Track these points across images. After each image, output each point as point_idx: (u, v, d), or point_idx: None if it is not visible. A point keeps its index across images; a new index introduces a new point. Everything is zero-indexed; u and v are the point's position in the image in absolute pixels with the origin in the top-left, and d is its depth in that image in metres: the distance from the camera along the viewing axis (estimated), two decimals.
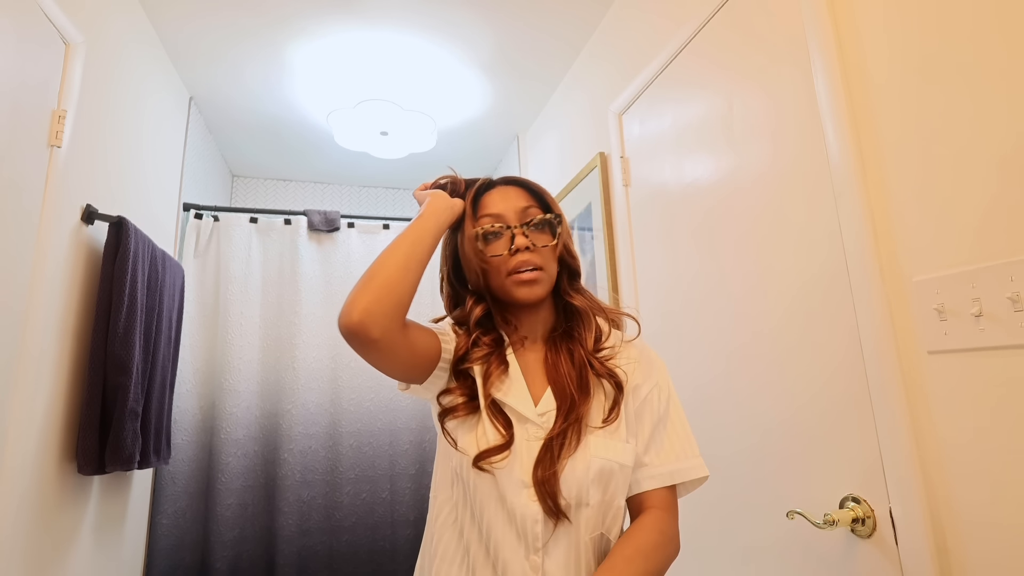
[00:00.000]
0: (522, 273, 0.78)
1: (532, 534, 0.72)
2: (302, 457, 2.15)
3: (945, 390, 0.80)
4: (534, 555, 0.72)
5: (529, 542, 0.72)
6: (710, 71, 1.34)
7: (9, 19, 1.13)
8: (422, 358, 0.77)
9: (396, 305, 0.70)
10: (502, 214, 0.81)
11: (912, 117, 0.85)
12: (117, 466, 1.38)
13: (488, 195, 0.84)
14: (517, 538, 0.72)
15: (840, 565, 0.94)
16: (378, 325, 0.68)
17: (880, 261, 0.89)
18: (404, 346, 0.73)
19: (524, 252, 0.78)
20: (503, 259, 0.79)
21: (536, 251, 0.80)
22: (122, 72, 1.62)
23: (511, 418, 0.76)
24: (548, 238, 0.82)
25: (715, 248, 1.30)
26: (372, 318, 0.68)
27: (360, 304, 0.68)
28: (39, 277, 1.21)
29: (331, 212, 2.41)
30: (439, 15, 1.84)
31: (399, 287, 0.71)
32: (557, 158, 2.27)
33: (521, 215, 0.81)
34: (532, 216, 0.81)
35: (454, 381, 0.80)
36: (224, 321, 2.19)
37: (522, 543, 0.72)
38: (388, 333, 0.69)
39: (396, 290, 0.70)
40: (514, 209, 0.81)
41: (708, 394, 1.30)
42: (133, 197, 1.71)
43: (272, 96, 2.28)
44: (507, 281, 0.79)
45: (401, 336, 0.72)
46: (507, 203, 0.82)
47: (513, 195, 0.83)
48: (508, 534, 0.73)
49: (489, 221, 0.81)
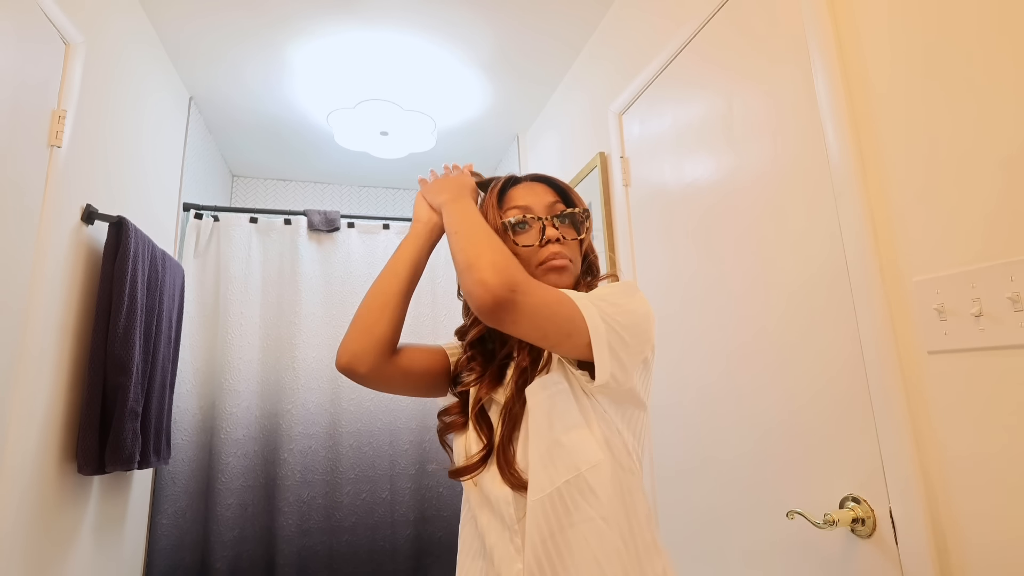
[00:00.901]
0: (554, 260, 0.79)
1: (508, 516, 0.73)
2: (302, 457, 2.15)
3: (945, 390, 0.80)
4: (516, 537, 0.72)
5: (508, 524, 0.73)
6: (710, 71, 1.34)
7: (9, 19, 1.13)
8: (425, 378, 0.85)
9: (377, 344, 0.79)
10: (530, 206, 0.82)
11: (912, 117, 0.85)
12: (117, 466, 1.38)
13: (515, 189, 0.85)
14: (501, 523, 0.74)
15: (840, 565, 0.94)
16: (363, 364, 0.78)
17: (880, 261, 0.89)
18: (397, 374, 0.82)
19: (555, 244, 0.80)
20: (532, 250, 0.80)
21: (565, 244, 0.81)
22: (122, 72, 1.62)
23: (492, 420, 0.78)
24: (575, 232, 0.83)
25: (715, 248, 1.30)
26: (356, 359, 0.78)
27: (345, 347, 0.79)
28: (39, 277, 1.21)
29: (331, 212, 2.41)
30: (439, 15, 1.84)
31: (377, 327, 0.79)
32: (557, 158, 2.27)
33: (549, 209, 0.82)
34: (560, 210, 0.83)
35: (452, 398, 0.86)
36: (224, 321, 2.19)
37: (505, 527, 0.73)
38: (375, 369, 0.79)
39: (375, 330, 0.79)
40: (543, 203, 0.82)
41: (708, 394, 1.30)
42: (133, 197, 1.71)
43: (272, 96, 2.28)
44: (537, 271, 0.79)
45: (390, 367, 0.80)
46: (535, 197, 0.83)
47: (540, 190, 0.84)
48: (493, 520, 0.75)
49: (518, 212, 0.81)
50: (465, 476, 0.78)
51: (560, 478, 0.70)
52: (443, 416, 0.86)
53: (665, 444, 1.45)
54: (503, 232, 0.80)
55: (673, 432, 1.42)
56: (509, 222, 0.80)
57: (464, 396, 0.85)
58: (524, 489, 0.72)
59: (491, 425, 0.78)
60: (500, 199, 0.84)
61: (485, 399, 0.80)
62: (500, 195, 0.85)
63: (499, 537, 0.74)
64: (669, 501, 1.43)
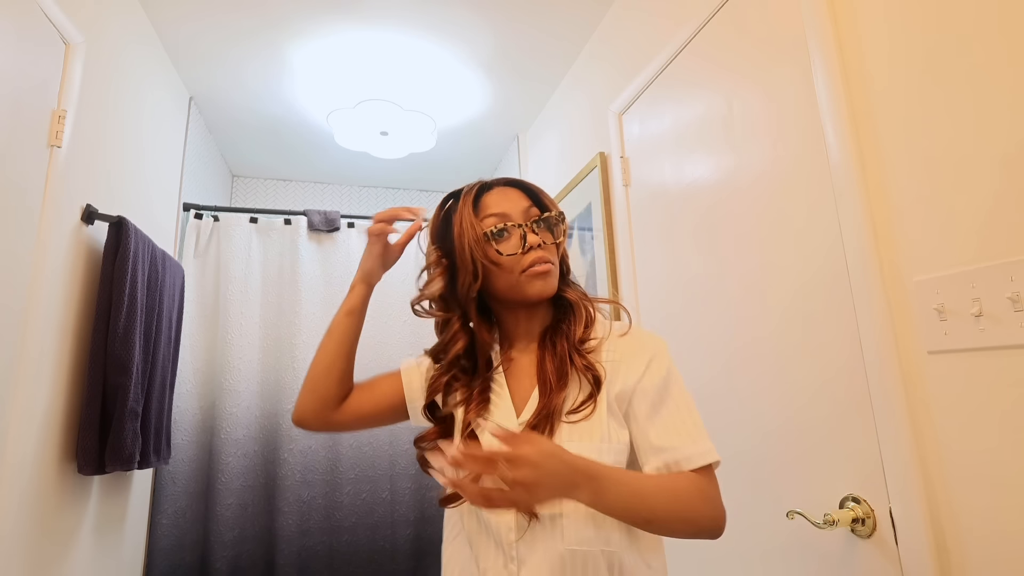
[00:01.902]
0: (538, 266, 0.78)
1: (507, 543, 0.72)
2: (302, 457, 2.15)
3: (945, 390, 0.80)
4: (511, 564, 0.71)
5: (505, 551, 0.72)
6: (710, 71, 1.34)
7: (9, 19, 1.13)
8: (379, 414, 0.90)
9: (321, 402, 0.86)
10: (508, 213, 0.80)
11: (912, 116, 0.85)
12: (117, 466, 1.38)
13: (488, 195, 0.83)
14: (496, 548, 0.73)
15: (840, 565, 0.94)
16: (312, 422, 0.87)
17: (880, 261, 0.89)
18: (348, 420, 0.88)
19: (537, 249, 0.79)
20: (515, 258, 0.79)
21: (546, 248, 0.80)
22: (122, 72, 1.62)
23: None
24: (551, 236, 0.82)
25: (715, 248, 1.30)
26: (304, 416, 0.87)
27: (297, 406, 0.88)
28: (39, 277, 1.21)
29: (331, 212, 2.41)
30: (439, 15, 1.84)
31: (322, 387, 0.86)
32: (557, 158, 2.27)
33: (526, 214, 0.81)
34: (535, 215, 0.82)
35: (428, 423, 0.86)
36: (224, 321, 2.18)
37: (500, 553, 0.72)
38: (324, 423, 0.87)
39: (319, 390, 0.86)
40: (519, 209, 0.81)
41: (709, 394, 1.30)
42: (133, 197, 1.71)
43: (272, 96, 2.28)
44: (521, 278, 0.78)
45: (339, 416, 0.87)
46: (511, 203, 0.81)
47: (514, 196, 0.83)
48: (488, 545, 0.74)
49: (497, 220, 0.80)
50: (457, 502, 0.77)
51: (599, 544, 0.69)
52: (420, 443, 0.84)
53: None
54: (485, 242, 0.78)
55: None
56: (491, 232, 0.78)
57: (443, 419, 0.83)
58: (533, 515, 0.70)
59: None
60: (475, 207, 0.81)
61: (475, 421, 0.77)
62: (475, 203, 0.82)
63: (493, 562, 0.73)
64: None
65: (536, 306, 0.83)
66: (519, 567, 0.70)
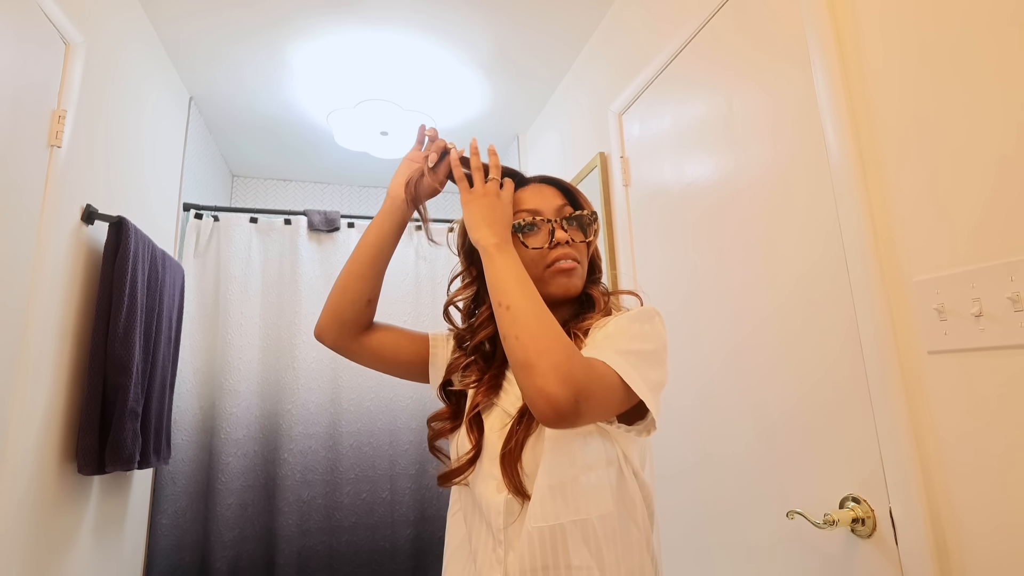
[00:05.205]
0: (562, 263, 0.78)
1: (495, 525, 0.72)
2: (302, 457, 2.15)
3: (945, 390, 0.80)
4: (499, 548, 0.72)
5: (494, 533, 0.73)
6: (710, 71, 1.34)
7: (9, 19, 1.13)
8: (396, 362, 0.88)
9: (339, 320, 0.85)
10: (539, 209, 0.81)
11: (912, 116, 0.85)
12: (117, 466, 1.38)
13: (523, 191, 0.84)
14: (487, 529, 0.74)
15: (840, 565, 0.94)
16: (328, 337, 0.86)
17: (880, 261, 0.89)
18: (365, 353, 0.87)
19: (564, 246, 0.79)
20: (541, 252, 0.79)
21: (574, 246, 0.80)
22: (122, 72, 1.62)
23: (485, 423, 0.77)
24: (582, 234, 0.83)
25: (715, 248, 1.30)
26: (322, 331, 0.86)
27: (318, 322, 0.87)
28: (39, 277, 1.21)
29: (331, 212, 2.41)
30: (439, 15, 1.84)
31: (339, 305, 0.85)
32: (557, 158, 2.27)
33: (558, 211, 0.82)
34: (568, 212, 0.82)
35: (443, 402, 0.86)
36: (224, 321, 2.18)
37: (490, 534, 0.73)
38: (339, 343, 0.86)
39: (337, 308, 0.85)
40: (552, 206, 0.82)
41: (708, 394, 1.30)
42: (133, 197, 1.71)
43: (272, 96, 2.28)
44: (545, 273, 0.79)
45: (356, 344, 0.86)
46: (544, 200, 0.82)
47: (549, 193, 0.84)
48: (480, 525, 0.75)
49: (527, 215, 0.81)
50: (454, 479, 0.78)
51: (567, 516, 0.68)
52: (433, 422, 0.86)
53: (665, 442, 1.45)
54: (513, 234, 0.78)
55: (673, 431, 1.41)
56: (519, 224, 0.79)
57: (455, 397, 0.85)
58: (524, 496, 0.70)
59: (482, 429, 0.77)
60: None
61: (483, 404, 0.79)
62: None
63: (484, 543, 0.74)
64: (669, 498, 1.42)
65: (560, 303, 0.82)
66: (506, 551, 0.71)
